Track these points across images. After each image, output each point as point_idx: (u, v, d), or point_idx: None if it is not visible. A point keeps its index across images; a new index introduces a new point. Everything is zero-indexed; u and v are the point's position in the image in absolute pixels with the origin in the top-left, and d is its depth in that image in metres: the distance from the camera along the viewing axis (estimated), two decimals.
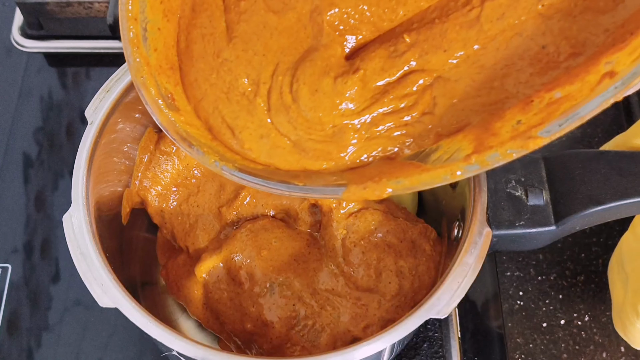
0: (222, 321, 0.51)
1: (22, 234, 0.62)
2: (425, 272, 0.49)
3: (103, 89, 0.49)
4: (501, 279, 0.64)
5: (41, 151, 0.67)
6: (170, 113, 0.42)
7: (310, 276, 0.50)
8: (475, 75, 0.38)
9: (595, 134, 0.73)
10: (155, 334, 0.41)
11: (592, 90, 0.32)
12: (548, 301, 0.64)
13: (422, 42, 0.39)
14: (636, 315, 0.54)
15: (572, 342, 0.62)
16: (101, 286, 0.42)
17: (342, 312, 0.49)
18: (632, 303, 0.54)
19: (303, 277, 0.50)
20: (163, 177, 0.54)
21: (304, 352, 0.49)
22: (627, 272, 0.55)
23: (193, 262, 0.52)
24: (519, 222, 0.44)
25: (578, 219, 0.44)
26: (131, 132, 0.52)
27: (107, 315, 0.58)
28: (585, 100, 0.32)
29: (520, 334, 0.62)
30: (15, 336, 0.58)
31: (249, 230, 0.51)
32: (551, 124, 0.33)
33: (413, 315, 0.42)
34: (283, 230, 0.52)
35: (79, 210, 0.45)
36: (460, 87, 0.38)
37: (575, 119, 0.32)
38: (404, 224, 0.50)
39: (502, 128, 0.34)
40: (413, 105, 0.39)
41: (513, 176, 0.46)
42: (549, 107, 0.33)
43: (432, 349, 0.56)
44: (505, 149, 0.33)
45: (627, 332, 0.56)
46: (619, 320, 0.57)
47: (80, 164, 0.47)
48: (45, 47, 0.71)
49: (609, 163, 0.45)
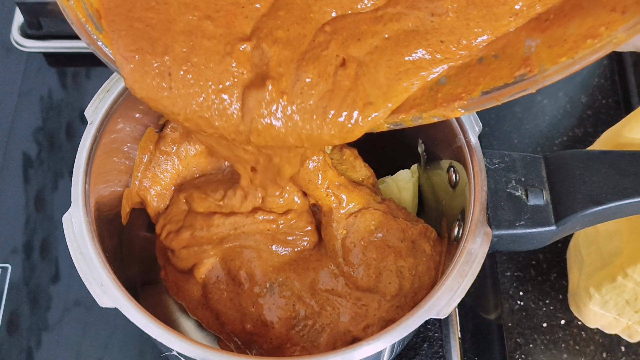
0: (222, 321, 0.51)
1: (22, 234, 0.62)
2: (425, 272, 0.49)
3: (103, 89, 0.49)
4: (501, 279, 0.64)
5: (41, 151, 0.67)
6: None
7: (310, 276, 0.50)
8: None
9: (595, 134, 0.73)
10: (155, 334, 0.41)
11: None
12: (548, 301, 0.64)
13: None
14: (588, 297, 0.57)
15: (572, 342, 0.62)
16: (101, 286, 0.42)
17: (342, 312, 0.49)
18: (585, 286, 0.57)
19: (303, 277, 0.50)
20: (163, 177, 0.54)
21: (304, 352, 0.49)
22: (583, 256, 0.58)
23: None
24: (519, 222, 0.44)
25: (578, 219, 0.44)
26: (131, 132, 0.52)
27: (107, 315, 0.58)
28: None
29: (520, 334, 0.62)
30: (15, 336, 0.58)
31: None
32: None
33: (413, 315, 0.42)
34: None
35: (79, 210, 0.45)
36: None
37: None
38: (404, 224, 0.50)
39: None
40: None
41: (513, 176, 0.46)
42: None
43: (432, 349, 0.56)
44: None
45: (581, 313, 0.60)
46: (573, 301, 0.61)
47: (80, 164, 0.47)
48: (45, 47, 0.71)
49: (609, 163, 0.45)
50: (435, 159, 0.53)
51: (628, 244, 0.55)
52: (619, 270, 0.54)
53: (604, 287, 0.55)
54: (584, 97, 0.75)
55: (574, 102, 0.75)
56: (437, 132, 0.51)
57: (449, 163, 0.50)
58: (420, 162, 0.56)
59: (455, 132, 0.48)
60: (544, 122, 0.73)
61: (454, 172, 0.50)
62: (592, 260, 0.57)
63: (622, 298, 0.55)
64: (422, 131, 0.54)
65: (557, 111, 0.74)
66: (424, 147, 0.55)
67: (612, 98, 0.75)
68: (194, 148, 0.55)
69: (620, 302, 0.56)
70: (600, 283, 0.56)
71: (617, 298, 0.56)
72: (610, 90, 0.76)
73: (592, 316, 0.59)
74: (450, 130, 0.49)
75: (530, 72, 0.36)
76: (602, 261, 0.56)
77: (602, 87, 0.76)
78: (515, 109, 0.74)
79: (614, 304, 0.56)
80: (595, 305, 0.57)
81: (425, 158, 0.55)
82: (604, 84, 0.76)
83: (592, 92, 0.76)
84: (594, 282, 0.56)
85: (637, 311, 0.56)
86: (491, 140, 0.72)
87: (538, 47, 0.36)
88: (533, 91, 0.36)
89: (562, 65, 0.34)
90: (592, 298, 0.57)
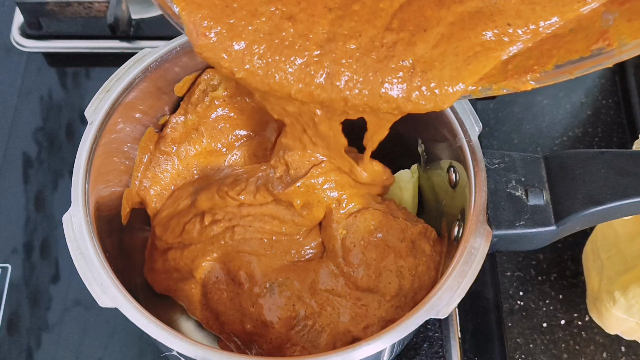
0: (222, 321, 0.51)
1: (22, 234, 0.62)
2: (425, 272, 0.49)
3: (103, 89, 0.49)
4: (501, 279, 0.64)
5: (41, 151, 0.67)
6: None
7: (310, 276, 0.50)
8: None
9: (595, 134, 0.73)
10: (155, 334, 0.41)
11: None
12: (548, 301, 0.64)
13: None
14: (612, 302, 0.55)
15: (572, 342, 0.62)
16: (101, 286, 0.42)
17: (342, 312, 0.49)
18: (607, 290, 0.56)
19: (303, 277, 0.50)
20: (163, 177, 0.54)
21: (304, 352, 0.49)
22: (602, 260, 0.57)
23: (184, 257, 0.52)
24: (519, 222, 0.44)
25: (578, 219, 0.44)
26: (131, 132, 0.52)
27: (107, 315, 0.58)
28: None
29: (520, 334, 0.62)
30: (15, 336, 0.58)
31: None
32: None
33: (413, 315, 0.42)
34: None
35: (79, 210, 0.45)
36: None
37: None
38: (404, 224, 0.50)
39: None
40: None
41: (513, 176, 0.46)
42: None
43: (432, 349, 0.56)
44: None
45: (603, 318, 0.59)
46: (594, 307, 0.59)
47: (80, 164, 0.47)
48: (45, 47, 0.71)
49: (609, 163, 0.45)
50: (435, 159, 0.53)
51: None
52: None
53: (631, 290, 0.54)
54: (584, 97, 0.75)
55: (574, 102, 0.75)
56: (437, 132, 0.51)
57: (449, 163, 0.50)
58: (420, 162, 0.56)
59: (455, 132, 0.48)
60: (544, 122, 0.73)
61: (454, 172, 0.50)
62: (614, 264, 0.56)
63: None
64: (422, 131, 0.54)
65: (557, 111, 0.74)
66: (424, 147, 0.55)
67: (612, 98, 0.75)
68: (194, 148, 0.55)
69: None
70: (626, 287, 0.54)
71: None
72: (610, 90, 0.76)
73: (614, 322, 0.57)
74: (450, 130, 0.49)
75: (608, 46, 0.34)
76: (625, 264, 0.55)
77: (602, 87, 0.76)
78: (515, 109, 0.74)
79: (639, 309, 0.55)
80: (618, 310, 0.56)
81: (425, 158, 0.55)
82: (604, 84, 0.76)
83: (592, 92, 0.76)
84: (618, 286, 0.55)
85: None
86: (491, 140, 0.72)
87: (616, 21, 0.34)
88: (610, 65, 0.35)
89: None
90: (616, 302, 0.55)
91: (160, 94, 0.53)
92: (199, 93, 0.54)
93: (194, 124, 0.55)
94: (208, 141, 0.55)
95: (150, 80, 0.51)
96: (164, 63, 0.51)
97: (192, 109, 0.54)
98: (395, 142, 0.57)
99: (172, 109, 0.55)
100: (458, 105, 0.49)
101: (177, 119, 0.54)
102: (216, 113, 0.55)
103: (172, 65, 0.52)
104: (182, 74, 0.53)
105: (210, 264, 0.51)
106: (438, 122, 0.50)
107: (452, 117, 0.48)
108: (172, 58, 0.51)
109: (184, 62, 0.52)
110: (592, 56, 0.35)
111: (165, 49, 0.50)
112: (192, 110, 0.54)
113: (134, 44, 0.70)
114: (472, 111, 0.49)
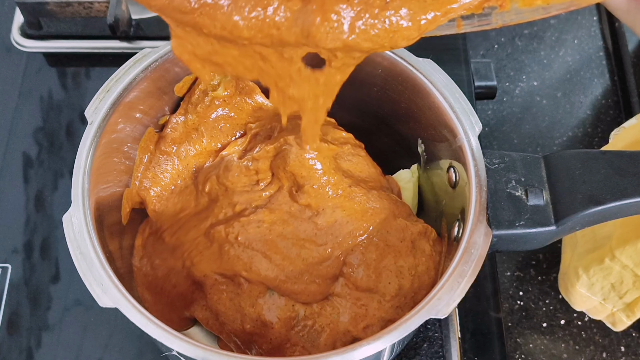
0: (221, 321, 0.51)
1: (22, 234, 0.62)
2: (425, 272, 0.49)
3: (103, 89, 0.49)
4: (501, 279, 0.64)
5: (41, 151, 0.67)
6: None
7: None
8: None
9: (595, 134, 0.73)
10: (155, 334, 0.41)
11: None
12: (548, 301, 0.64)
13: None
14: (576, 278, 0.57)
15: (572, 342, 0.62)
16: (101, 286, 0.42)
17: (342, 312, 0.49)
18: (574, 266, 0.57)
19: None
20: (163, 177, 0.54)
21: (303, 352, 0.49)
22: (577, 237, 0.59)
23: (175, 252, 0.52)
24: (519, 222, 0.44)
25: (578, 219, 0.44)
26: (131, 132, 0.52)
27: (107, 315, 0.58)
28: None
29: (520, 334, 0.62)
30: (15, 336, 0.58)
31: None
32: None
33: (413, 315, 0.42)
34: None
35: (79, 210, 0.45)
36: None
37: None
38: (404, 224, 0.50)
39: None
40: None
41: (513, 176, 0.46)
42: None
43: (432, 349, 0.56)
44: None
45: (569, 294, 0.60)
46: (562, 282, 0.61)
47: (80, 164, 0.47)
48: (45, 47, 0.71)
49: (609, 163, 0.45)
50: (435, 159, 0.53)
51: (620, 227, 0.55)
52: (608, 253, 0.54)
53: (592, 268, 0.55)
54: (584, 97, 0.75)
55: (573, 102, 0.75)
56: (437, 132, 0.51)
57: (449, 163, 0.50)
58: (420, 162, 0.56)
59: (455, 132, 0.48)
60: (544, 122, 0.73)
61: (454, 172, 0.50)
62: (586, 242, 0.57)
63: (607, 281, 0.55)
64: (422, 131, 0.54)
65: (557, 111, 0.74)
66: (424, 147, 0.55)
67: (612, 98, 0.75)
68: (194, 148, 0.55)
69: (606, 285, 0.56)
70: (589, 264, 0.56)
71: (604, 281, 0.56)
72: (610, 90, 0.76)
73: (579, 298, 0.59)
74: (450, 130, 0.49)
75: (501, 7, 0.33)
76: (594, 243, 0.56)
77: (602, 87, 0.76)
78: (515, 109, 0.74)
79: (600, 287, 0.56)
80: (582, 287, 0.57)
81: (425, 158, 0.55)
82: (603, 84, 0.76)
83: (592, 92, 0.76)
84: (583, 263, 0.56)
85: (622, 297, 0.56)
86: (491, 140, 0.72)
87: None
88: (487, 28, 0.34)
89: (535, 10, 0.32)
90: (579, 279, 0.57)
91: (160, 94, 0.53)
92: (199, 93, 0.54)
93: (194, 124, 0.55)
94: (208, 141, 0.55)
95: (151, 80, 0.51)
96: (164, 63, 0.51)
97: (192, 109, 0.54)
98: (395, 142, 0.57)
99: (172, 109, 0.55)
100: (458, 105, 0.49)
101: (177, 119, 0.54)
102: (216, 113, 0.55)
103: (172, 65, 0.52)
104: (182, 74, 0.53)
105: (209, 264, 0.51)
106: (438, 122, 0.50)
107: (452, 117, 0.48)
108: (172, 58, 0.51)
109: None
110: (483, 15, 0.34)
111: (165, 48, 0.50)
112: (192, 110, 0.54)
113: (134, 44, 0.70)
114: (472, 111, 0.49)
